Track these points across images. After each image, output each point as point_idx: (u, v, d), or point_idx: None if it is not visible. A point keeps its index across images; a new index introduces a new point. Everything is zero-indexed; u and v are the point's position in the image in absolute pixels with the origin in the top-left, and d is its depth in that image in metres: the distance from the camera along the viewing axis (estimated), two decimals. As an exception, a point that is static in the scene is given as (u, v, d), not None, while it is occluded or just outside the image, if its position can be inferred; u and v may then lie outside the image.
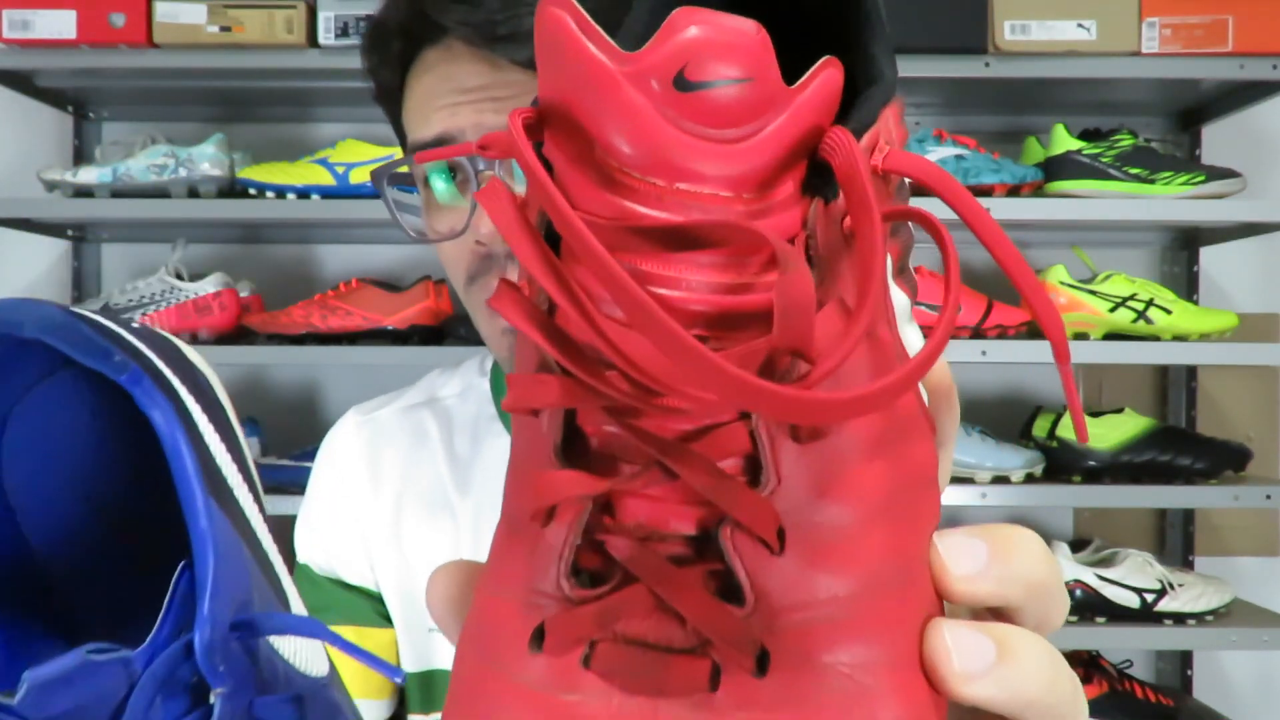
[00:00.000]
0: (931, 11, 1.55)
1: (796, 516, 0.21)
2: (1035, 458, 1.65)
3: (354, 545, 0.82)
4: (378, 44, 0.73)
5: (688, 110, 0.19)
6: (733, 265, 0.20)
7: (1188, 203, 1.58)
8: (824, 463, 0.22)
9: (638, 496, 0.22)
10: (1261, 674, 1.91)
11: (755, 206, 0.20)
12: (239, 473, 0.29)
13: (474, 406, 0.85)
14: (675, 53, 0.19)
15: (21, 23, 1.58)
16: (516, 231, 0.20)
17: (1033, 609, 0.25)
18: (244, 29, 1.58)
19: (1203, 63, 1.58)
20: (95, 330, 0.26)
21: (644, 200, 0.20)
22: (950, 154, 1.60)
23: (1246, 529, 1.90)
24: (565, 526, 0.22)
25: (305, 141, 1.87)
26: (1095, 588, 1.60)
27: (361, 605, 0.82)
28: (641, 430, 0.21)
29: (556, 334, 0.21)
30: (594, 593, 0.21)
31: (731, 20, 0.19)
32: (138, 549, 0.32)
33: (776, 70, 0.19)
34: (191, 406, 0.28)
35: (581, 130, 0.20)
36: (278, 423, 1.84)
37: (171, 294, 1.64)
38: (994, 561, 0.24)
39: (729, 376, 0.18)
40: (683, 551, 0.21)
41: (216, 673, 0.25)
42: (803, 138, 0.20)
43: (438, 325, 1.65)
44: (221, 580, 0.25)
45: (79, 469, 0.31)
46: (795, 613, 0.21)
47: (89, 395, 0.30)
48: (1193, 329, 1.61)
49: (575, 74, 0.19)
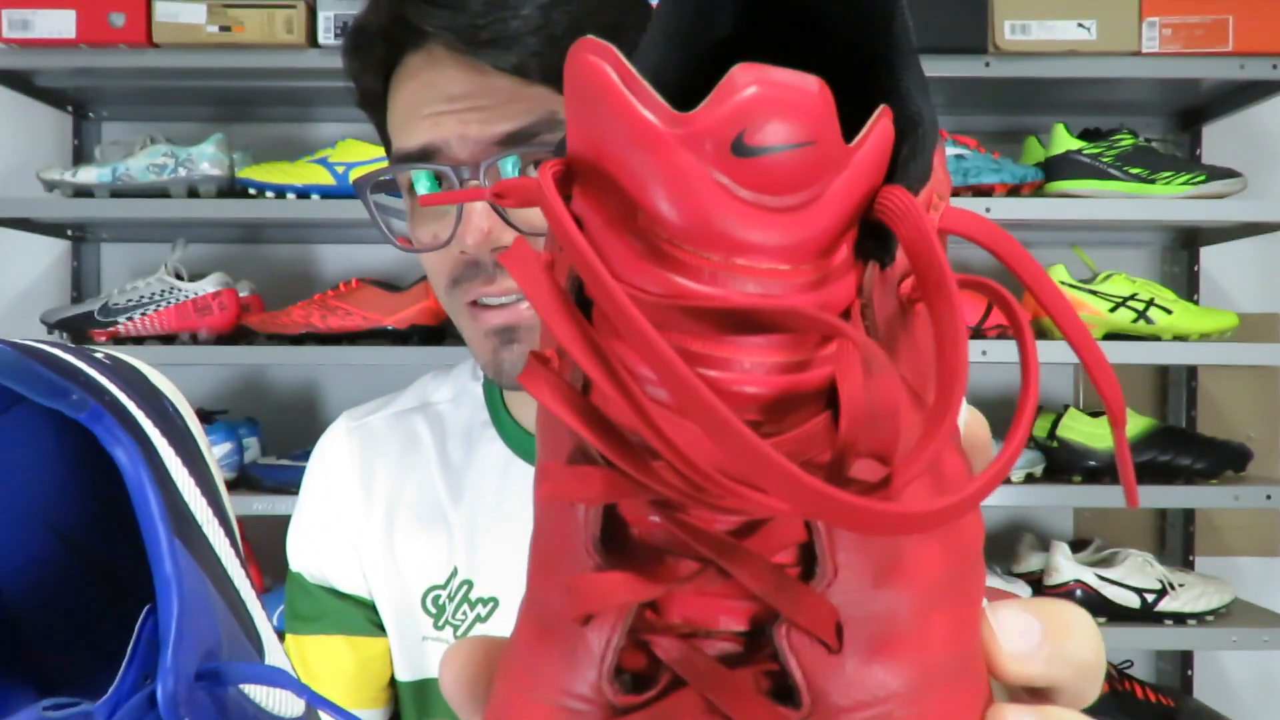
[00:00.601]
0: (931, 11, 1.55)
1: (855, 610, 0.20)
2: (1035, 458, 1.65)
3: (346, 554, 0.81)
4: (359, 49, 0.71)
5: (745, 177, 0.17)
6: (790, 344, 0.19)
7: (1188, 203, 1.58)
8: (882, 550, 0.20)
9: (688, 593, 0.20)
10: (1261, 674, 1.91)
11: (813, 277, 0.18)
12: (209, 507, 0.28)
13: (467, 412, 0.83)
14: (735, 114, 0.17)
15: (21, 22, 1.58)
16: (548, 299, 0.18)
17: (1076, 689, 0.24)
18: (244, 29, 1.58)
19: (1203, 63, 1.57)
20: (50, 367, 0.25)
21: (695, 275, 0.18)
22: (950, 154, 1.60)
23: (1246, 529, 1.90)
24: (608, 628, 0.20)
25: (305, 141, 1.87)
26: (1095, 588, 1.60)
27: (354, 614, 0.81)
28: (691, 526, 0.19)
29: (595, 417, 0.19)
30: (640, 699, 0.20)
31: (793, 77, 0.17)
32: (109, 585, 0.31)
33: (837, 129, 0.18)
34: (157, 441, 0.27)
35: (622, 193, 0.18)
36: (278, 423, 1.84)
37: (171, 294, 1.64)
38: (1046, 641, 0.23)
39: (797, 482, 0.16)
40: (733, 649, 0.20)
41: None
42: (862, 199, 0.18)
43: (437, 325, 1.65)
44: (187, 627, 0.24)
45: (46, 503, 0.30)
46: (854, 713, 0.20)
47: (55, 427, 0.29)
48: (1193, 329, 1.61)
49: (617, 132, 0.18)
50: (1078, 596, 1.59)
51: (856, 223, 0.19)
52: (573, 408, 0.19)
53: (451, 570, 0.78)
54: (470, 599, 0.77)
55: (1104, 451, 1.64)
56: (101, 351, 0.29)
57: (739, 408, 0.19)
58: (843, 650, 0.20)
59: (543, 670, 0.21)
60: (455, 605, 0.77)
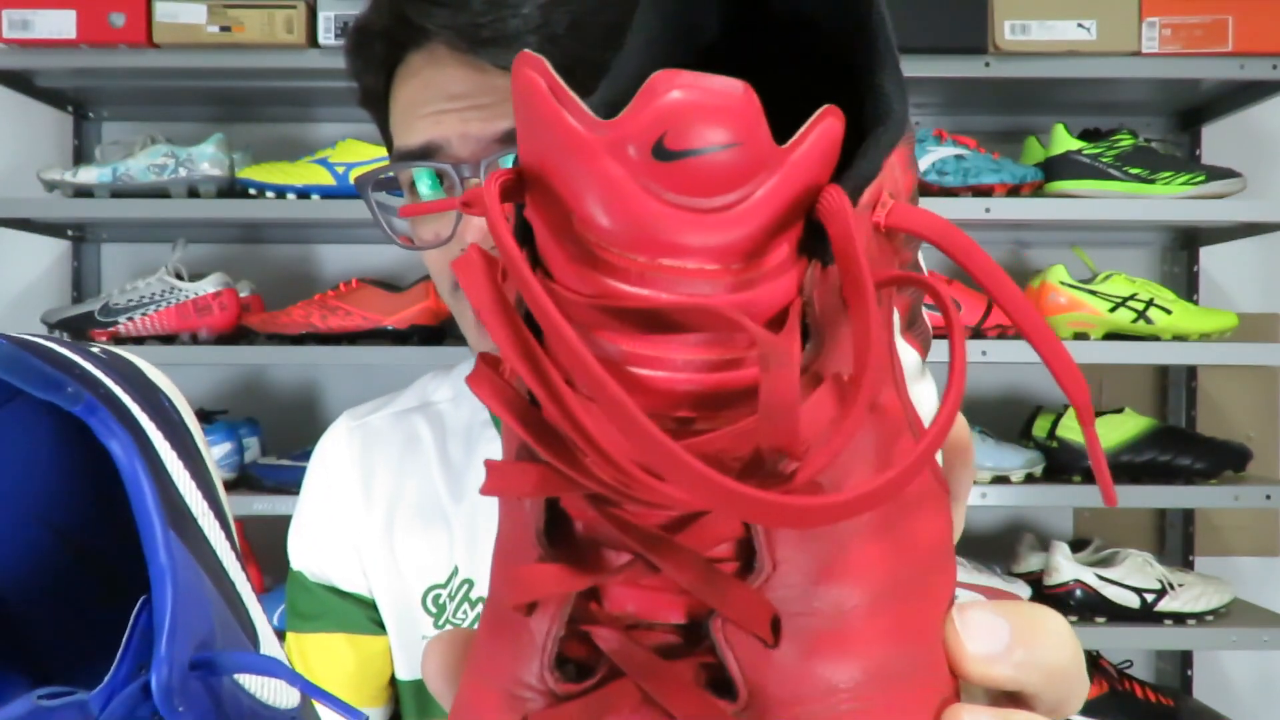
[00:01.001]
0: (931, 11, 1.55)
1: (794, 605, 0.20)
2: (1035, 458, 1.65)
3: (347, 553, 0.82)
4: (361, 48, 0.71)
5: (668, 180, 0.18)
6: (719, 342, 0.19)
7: (1188, 203, 1.58)
8: (825, 546, 0.20)
9: (626, 585, 0.21)
10: (1261, 674, 1.91)
11: (744, 277, 0.19)
12: (204, 501, 0.29)
13: (467, 412, 0.83)
14: (654, 120, 0.17)
15: (21, 23, 1.58)
16: (489, 307, 0.19)
17: (1050, 695, 0.23)
18: (244, 29, 1.58)
19: (1203, 63, 1.57)
20: (46, 360, 0.25)
21: (625, 277, 0.19)
22: (950, 154, 1.60)
23: (1246, 529, 1.90)
24: (548, 618, 0.21)
25: (305, 141, 1.87)
26: (1095, 588, 1.60)
27: (355, 613, 0.82)
28: (623, 521, 0.20)
29: (534, 420, 0.20)
30: (579, 687, 0.21)
31: (715, 81, 0.17)
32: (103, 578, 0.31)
33: (766, 131, 0.18)
34: (153, 435, 0.27)
35: (559, 200, 0.19)
36: (278, 423, 1.84)
37: (171, 294, 1.64)
38: (1016, 645, 0.23)
39: (703, 478, 0.17)
40: (672, 641, 0.21)
41: (176, 713, 0.24)
42: (797, 199, 0.19)
43: (437, 325, 1.65)
44: (180, 618, 0.24)
45: (41, 497, 0.30)
46: (792, 707, 0.20)
47: (51, 421, 0.29)
48: (1193, 329, 1.61)
49: (549, 140, 0.18)
50: (1078, 596, 1.60)
51: (799, 221, 0.19)
52: (510, 407, 0.20)
53: (452, 569, 0.78)
54: (471, 598, 0.77)
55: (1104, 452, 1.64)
56: (98, 346, 0.29)
57: (673, 404, 0.19)
58: (780, 645, 0.20)
59: (495, 659, 0.22)
60: (456, 604, 0.77)
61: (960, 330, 0.20)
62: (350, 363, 1.69)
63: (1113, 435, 1.65)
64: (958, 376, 0.20)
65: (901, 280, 0.21)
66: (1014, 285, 0.20)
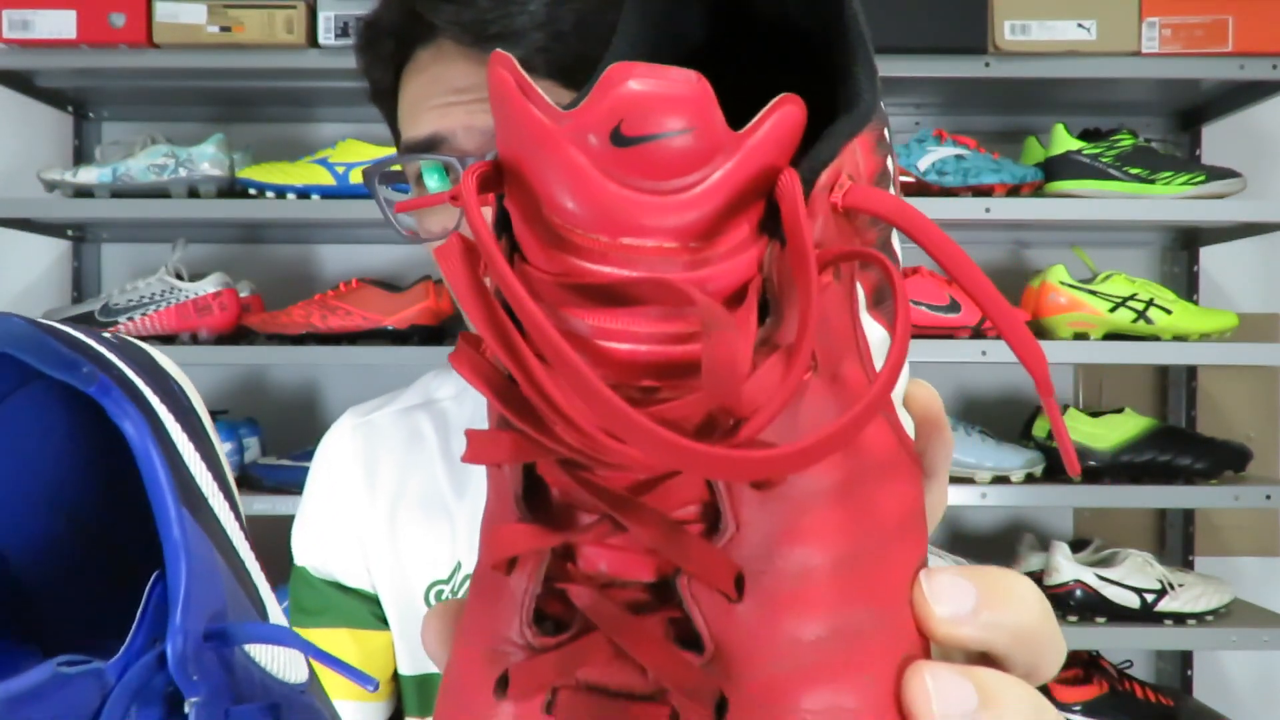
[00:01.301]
0: (931, 11, 1.55)
1: (757, 564, 0.21)
2: (1035, 458, 1.65)
3: (350, 548, 0.82)
4: (371, 44, 0.73)
5: (626, 165, 0.19)
6: (677, 315, 0.20)
7: (1188, 203, 1.58)
8: (787, 508, 0.22)
9: (598, 545, 0.22)
10: (1261, 674, 1.91)
11: (701, 255, 0.20)
12: (214, 481, 0.29)
13: (470, 408, 0.84)
14: (610, 109, 0.19)
15: (21, 23, 1.58)
16: (465, 289, 0.20)
17: (1021, 657, 0.24)
18: (244, 29, 1.58)
19: (1203, 63, 1.58)
20: (62, 342, 0.26)
21: (589, 256, 0.20)
22: (950, 154, 1.60)
23: (1246, 529, 1.90)
24: (525, 576, 0.22)
25: (305, 141, 1.88)
26: (1095, 588, 1.60)
27: (359, 608, 0.82)
28: (591, 483, 0.21)
29: (510, 393, 0.21)
30: (555, 640, 0.22)
31: (668, 72, 0.19)
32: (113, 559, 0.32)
33: (718, 117, 0.19)
34: (164, 416, 0.28)
35: (530, 187, 0.20)
36: (278, 423, 1.84)
37: (171, 294, 1.64)
38: (982, 606, 0.23)
39: (654, 436, 0.18)
40: (642, 598, 0.22)
41: (190, 682, 0.25)
42: (752, 182, 0.20)
43: (438, 325, 1.65)
44: (194, 591, 0.25)
45: (53, 480, 0.31)
46: (755, 660, 0.21)
47: (62, 406, 0.30)
48: (1193, 329, 1.61)
49: (519, 132, 0.19)
50: (1077, 596, 1.60)
51: (758, 203, 0.20)
52: (488, 382, 0.21)
53: (455, 564, 0.79)
54: None
55: (1104, 451, 1.64)
56: (109, 332, 0.30)
57: (637, 374, 0.21)
58: (744, 600, 0.21)
59: (480, 620, 0.23)
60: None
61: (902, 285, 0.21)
62: (350, 363, 1.69)
63: (1113, 435, 1.65)
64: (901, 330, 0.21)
65: (849, 255, 0.22)
66: (972, 263, 0.21)
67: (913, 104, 1.82)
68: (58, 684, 0.23)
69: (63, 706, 0.23)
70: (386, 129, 0.79)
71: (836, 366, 0.22)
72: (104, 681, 0.24)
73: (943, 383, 1.87)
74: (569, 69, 0.65)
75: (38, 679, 0.23)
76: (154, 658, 0.25)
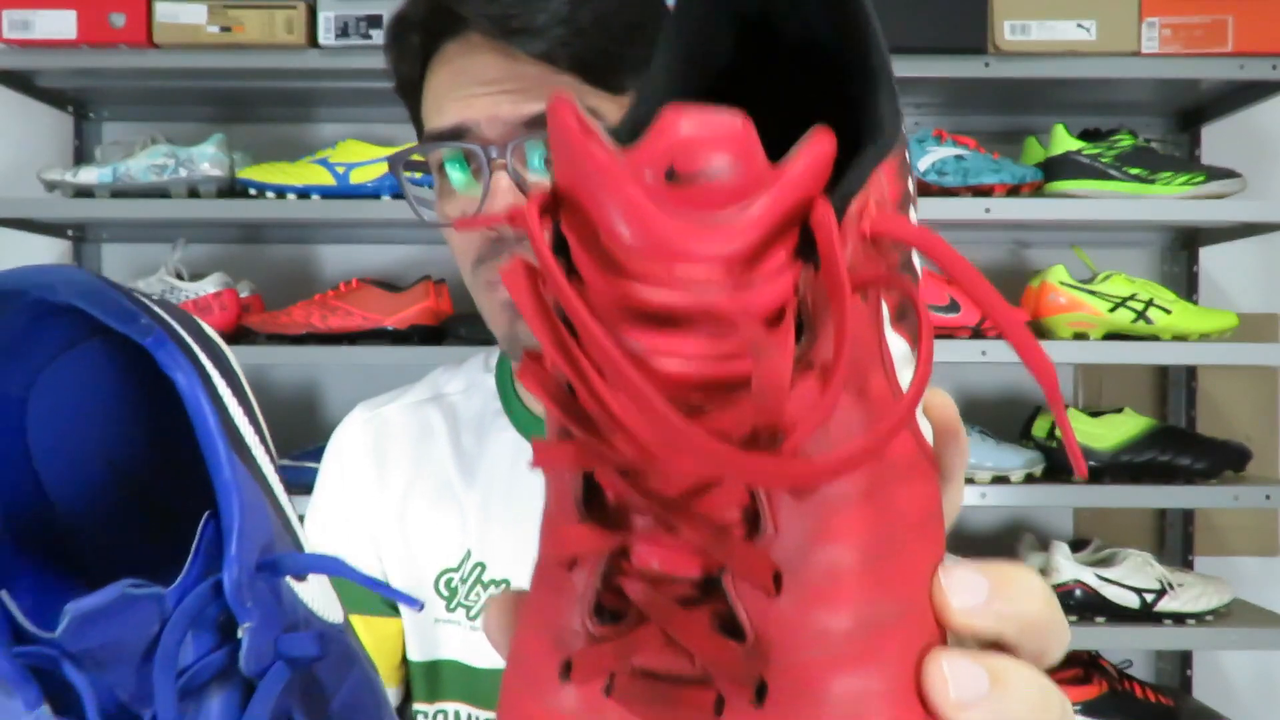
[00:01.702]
0: (931, 11, 1.55)
1: (793, 562, 0.24)
2: (1035, 458, 1.65)
3: (362, 538, 0.84)
4: (399, 38, 0.76)
5: (679, 199, 0.21)
6: (723, 336, 0.22)
7: (1188, 203, 1.58)
8: (818, 512, 0.24)
9: (651, 544, 0.24)
10: (1261, 674, 1.91)
11: (745, 279, 0.22)
12: (255, 434, 0.32)
13: (479, 402, 0.86)
14: (666, 150, 0.21)
15: (21, 23, 1.58)
16: (531, 309, 0.22)
17: (1030, 644, 0.26)
18: (244, 29, 1.58)
19: (1203, 63, 1.58)
20: (122, 295, 0.28)
21: (644, 282, 0.22)
22: (950, 154, 1.60)
23: (1246, 529, 1.90)
24: (587, 573, 0.25)
25: (305, 141, 1.88)
26: (1095, 588, 1.60)
27: (369, 596, 0.83)
28: (645, 489, 0.23)
29: (571, 405, 0.23)
30: (612, 630, 0.24)
31: (715, 114, 0.21)
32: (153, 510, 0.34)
33: (760, 154, 0.21)
34: (210, 370, 0.29)
35: (589, 217, 0.22)
36: (278, 423, 1.83)
37: (171, 294, 1.64)
38: (994, 598, 0.26)
39: (706, 447, 0.20)
40: (691, 593, 0.24)
41: (244, 609, 0.27)
42: (790, 212, 0.22)
43: (438, 325, 1.65)
44: (247, 525, 0.27)
45: (101, 435, 0.33)
46: (792, 648, 0.24)
47: (110, 365, 0.32)
48: (1193, 329, 1.61)
49: (580, 168, 0.21)
50: (1077, 596, 1.60)
51: (794, 230, 0.22)
52: (552, 394, 0.23)
53: (465, 553, 0.80)
54: (483, 581, 0.79)
55: (1104, 451, 1.64)
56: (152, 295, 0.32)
57: (685, 391, 0.22)
58: (782, 595, 0.24)
59: (544, 610, 0.26)
60: (468, 588, 0.80)
61: (924, 306, 0.24)
62: (350, 363, 1.69)
63: (1113, 435, 1.65)
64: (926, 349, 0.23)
65: (879, 280, 0.24)
66: (989, 285, 0.23)
67: (913, 104, 1.82)
68: (125, 605, 0.25)
69: (127, 627, 0.25)
70: (387, 129, 0.81)
71: (864, 379, 0.24)
72: (164, 607, 0.26)
73: (943, 382, 1.86)
74: (589, 64, 0.69)
75: (108, 598, 0.24)
76: (209, 586, 0.27)
